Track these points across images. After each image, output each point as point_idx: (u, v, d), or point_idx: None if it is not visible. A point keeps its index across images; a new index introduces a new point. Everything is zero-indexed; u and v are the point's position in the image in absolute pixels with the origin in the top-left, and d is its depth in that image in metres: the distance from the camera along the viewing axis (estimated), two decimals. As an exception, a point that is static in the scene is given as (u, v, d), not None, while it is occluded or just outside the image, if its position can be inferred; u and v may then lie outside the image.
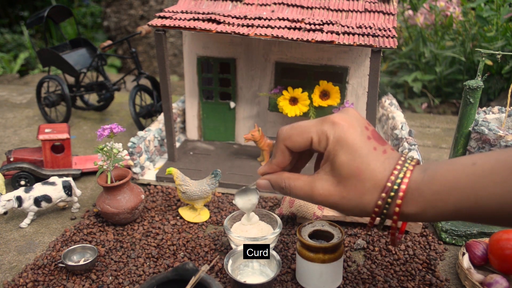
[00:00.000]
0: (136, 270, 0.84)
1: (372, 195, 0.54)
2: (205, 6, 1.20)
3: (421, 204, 0.52)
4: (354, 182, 0.55)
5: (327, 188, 0.57)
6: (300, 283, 0.79)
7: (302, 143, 0.59)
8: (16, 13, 3.51)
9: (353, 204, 0.55)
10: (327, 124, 0.57)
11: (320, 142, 0.57)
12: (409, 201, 0.52)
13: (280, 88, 1.22)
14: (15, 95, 1.93)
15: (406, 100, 1.92)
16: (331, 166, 0.56)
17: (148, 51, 2.81)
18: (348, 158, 0.55)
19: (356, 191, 0.55)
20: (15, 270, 0.85)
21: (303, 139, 0.59)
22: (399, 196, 0.52)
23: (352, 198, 0.55)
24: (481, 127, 0.96)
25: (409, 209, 0.53)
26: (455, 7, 1.78)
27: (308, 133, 0.58)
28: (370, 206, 0.54)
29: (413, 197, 0.52)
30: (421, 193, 0.52)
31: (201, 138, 1.38)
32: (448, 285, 0.82)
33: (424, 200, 0.52)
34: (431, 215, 0.52)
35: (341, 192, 0.56)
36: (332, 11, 1.15)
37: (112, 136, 0.96)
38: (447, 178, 0.51)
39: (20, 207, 0.96)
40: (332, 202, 0.57)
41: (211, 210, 1.04)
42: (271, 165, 0.64)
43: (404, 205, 0.53)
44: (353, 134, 0.56)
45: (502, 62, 1.69)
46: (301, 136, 0.59)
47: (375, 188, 0.54)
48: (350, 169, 0.55)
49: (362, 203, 0.55)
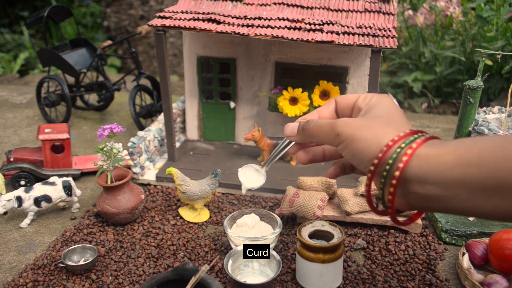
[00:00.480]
0: (136, 270, 0.84)
1: (394, 131, 0.52)
2: (205, 6, 1.20)
3: (441, 148, 0.48)
4: (383, 119, 0.55)
5: (353, 119, 0.57)
6: (300, 283, 0.79)
7: (350, 98, 0.63)
8: (16, 13, 3.51)
9: (372, 133, 0.53)
10: (375, 94, 0.62)
11: (365, 99, 0.61)
12: (428, 145, 0.50)
13: (280, 88, 1.22)
14: (15, 95, 1.93)
15: (406, 100, 1.92)
16: (366, 111, 0.59)
17: (148, 51, 2.81)
18: (386, 107, 0.57)
19: (380, 124, 0.54)
20: (15, 270, 0.85)
21: (352, 95, 0.63)
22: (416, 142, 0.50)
23: (374, 127, 0.54)
24: (481, 127, 0.96)
25: (425, 150, 0.49)
26: (455, 7, 1.78)
27: (358, 94, 0.63)
28: (387, 139, 0.52)
29: (433, 143, 0.50)
30: (444, 142, 0.50)
31: (201, 138, 1.38)
32: (448, 285, 0.82)
33: (445, 146, 0.48)
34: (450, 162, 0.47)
35: (366, 122, 0.55)
36: (332, 11, 1.15)
37: (112, 136, 0.96)
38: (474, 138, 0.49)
39: (20, 207, 0.96)
40: (352, 127, 0.55)
41: (211, 210, 1.04)
42: (311, 112, 0.66)
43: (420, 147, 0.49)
44: (395, 103, 0.60)
45: (502, 62, 1.69)
46: (352, 94, 0.64)
47: (400, 129, 0.53)
48: (383, 112, 0.57)
49: (381, 133, 0.53)
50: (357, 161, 0.54)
